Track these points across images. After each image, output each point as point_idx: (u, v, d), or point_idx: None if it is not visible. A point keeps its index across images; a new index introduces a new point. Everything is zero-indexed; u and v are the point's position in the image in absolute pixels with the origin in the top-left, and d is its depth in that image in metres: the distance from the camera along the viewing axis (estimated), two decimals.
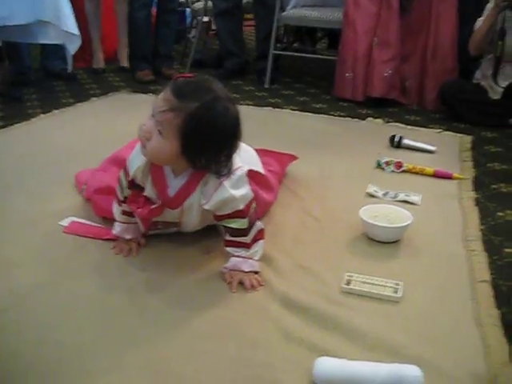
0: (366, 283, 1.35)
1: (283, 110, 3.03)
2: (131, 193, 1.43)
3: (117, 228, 1.51)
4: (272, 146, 1.97)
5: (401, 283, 1.35)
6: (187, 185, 1.37)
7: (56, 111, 2.87)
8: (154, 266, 1.43)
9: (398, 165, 2.11)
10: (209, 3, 4.05)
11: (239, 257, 1.38)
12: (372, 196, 1.88)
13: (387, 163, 2.12)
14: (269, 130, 2.57)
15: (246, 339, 1.17)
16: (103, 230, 1.58)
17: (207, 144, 1.26)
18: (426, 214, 1.75)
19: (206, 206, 1.36)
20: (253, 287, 1.34)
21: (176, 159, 1.30)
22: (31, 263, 1.44)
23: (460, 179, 2.05)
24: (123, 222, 1.50)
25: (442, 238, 1.62)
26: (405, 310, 1.28)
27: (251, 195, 1.38)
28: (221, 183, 1.32)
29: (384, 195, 1.88)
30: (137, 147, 1.37)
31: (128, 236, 1.50)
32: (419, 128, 2.73)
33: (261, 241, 1.42)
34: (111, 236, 1.53)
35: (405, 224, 1.57)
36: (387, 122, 2.81)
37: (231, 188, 1.32)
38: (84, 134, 2.50)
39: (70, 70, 3.19)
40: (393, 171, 2.11)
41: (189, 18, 4.96)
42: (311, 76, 3.96)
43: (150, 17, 3.74)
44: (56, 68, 3.64)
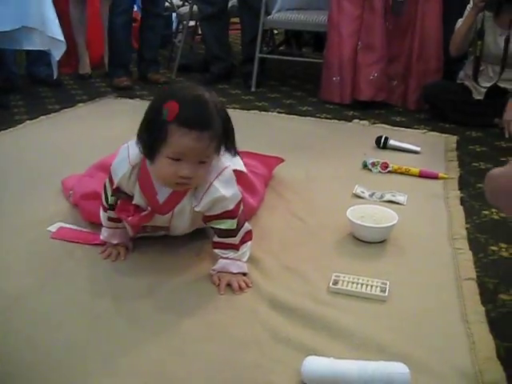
0: (354, 283, 1.36)
1: (270, 113, 3.04)
2: (120, 202, 1.43)
3: (104, 233, 1.51)
4: (259, 149, 1.98)
5: (387, 282, 1.36)
6: (176, 191, 1.37)
7: (43, 117, 2.86)
8: (142, 270, 1.43)
9: (384, 165, 2.13)
10: (194, 8, 4.05)
11: (227, 258, 1.39)
12: (358, 197, 1.90)
13: (373, 164, 2.14)
14: (255, 133, 2.57)
15: (235, 341, 1.17)
16: (91, 235, 1.58)
17: (231, 125, 1.30)
18: (412, 214, 1.77)
19: (197, 208, 1.37)
20: (241, 289, 1.34)
21: None
22: (18, 269, 1.43)
23: (445, 179, 2.07)
24: (110, 228, 1.50)
25: (428, 237, 1.64)
26: (392, 309, 1.29)
27: (240, 195, 1.40)
28: (211, 184, 1.33)
29: (370, 196, 1.89)
30: (121, 154, 1.37)
31: (115, 241, 1.51)
32: (405, 129, 2.75)
33: (249, 242, 1.43)
34: (99, 241, 1.53)
35: (391, 224, 1.58)
36: (373, 124, 2.83)
37: (221, 188, 1.34)
38: (71, 140, 2.50)
39: (56, 76, 3.17)
40: (379, 172, 2.12)
41: (175, 23, 4.97)
42: (297, 79, 3.98)
43: (130, 23, 3.69)
44: (41, 74, 3.63)
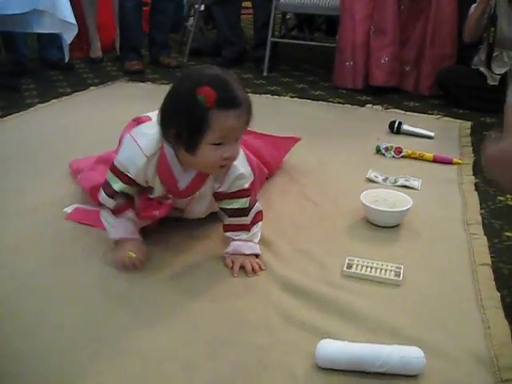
0: (368, 267, 1.35)
1: (282, 98, 3.02)
2: (140, 202, 1.40)
3: (113, 232, 1.39)
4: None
5: (402, 267, 1.35)
6: (198, 178, 1.35)
7: (54, 101, 2.85)
8: (154, 252, 1.42)
9: (398, 150, 2.11)
10: None
11: (239, 240, 1.39)
12: (372, 181, 1.88)
13: (387, 149, 2.12)
14: (267, 118, 2.52)
15: (248, 323, 1.17)
16: None
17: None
18: (426, 199, 1.75)
19: (222, 189, 1.37)
20: (254, 271, 1.34)
21: None
22: (31, 250, 1.43)
23: (459, 164, 2.04)
24: (117, 223, 1.38)
25: (442, 222, 1.62)
26: (406, 293, 1.28)
27: (252, 174, 1.40)
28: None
29: (384, 180, 1.88)
30: (128, 146, 1.30)
31: (128, 235, 1.37)
32: (418, 114, 2.72)
33: (260, 223, 1.43)
34: None
35: (405, 208, 1.57)
36: (386, 109, 2.80)
37: (240, 166, 1.35)
38: (82, 123, 2.49)
39: (67, 60, 3.16)
40: (393, 157, 2.10)
41: (186, 7, 4.92)
42: (309, 63, 3.95)
43: (141, 7, 3.65)
44: (53, 57, 3.62)
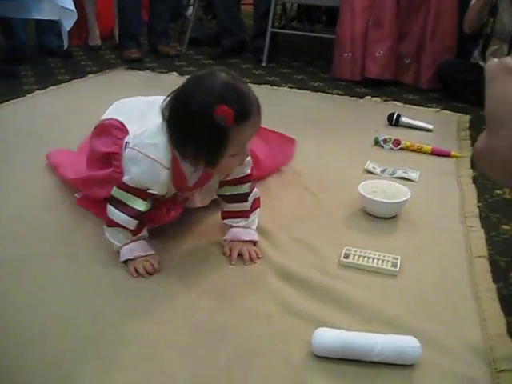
0: (365, 257, 1.35)
1: (281, 88, 3.02)
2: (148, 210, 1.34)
3: (125, 253, 1.31)
4: (269, 125, 1.95)
5: (399, 257, 1.36)
6: (206, 173, 1.35)
7: (52, 87, 2.84)
8: (152, 238, 1.40)
9: (396, 142, 2.11)
10: None
11: (238, 227, 1.39)
12: (370, 173, 1.88)
13: (385, 141, 2.12)
14: (266, 108, 2.49)
15: (245, 312, 1.17)
16: None
17: None
18: (424, 191, 1.75)
19: (228, 178, 1.38)
20: (251, 259, 1.34)
21: None
22: (29, 236, 1.44)
23: (458, 157, 2.05)
24: (133, 241, 1.32)
25: (440, 214, 1.62)
26: (403, 284, 1.28)
27: (250, 157, 1.39)
28: None
29: (382, 172, 1.88)
30: (139, 162, 1.25)
31: (145, 252, 1.32)
32: (417, 107, 2.72)
33: (257, 209, 1.44)
34: None
35: (403, 199, 1.57)
36: (385, 101, 2.80)
37: None
38: (80, 110, 2.48)
39: (66, 47, 3.15)
40: (391, 148, 2.10)
41: None
42: (309, 54, 3.94)
43: None
44: (52, 44, 3.60)
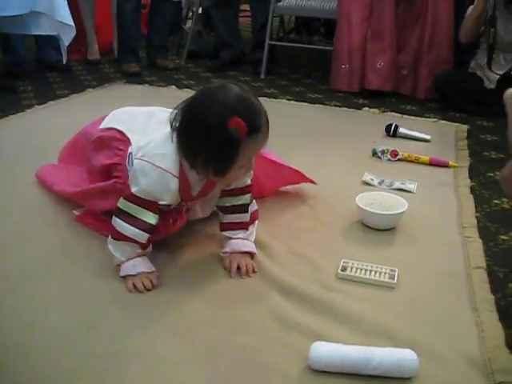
0: (362, 269, 1.35)
1: (279, 100, 3.02)
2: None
3: (128, 269, 1.30)
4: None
5: (396, 269, 1.35)
6: (209, 182, 1.35)
7: (51, 102, 2.85)
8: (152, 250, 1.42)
9: (394, 153, 2.11)
10: None
11: (238, 239, 1.39)
12: (368, 184, 1.88)
13: (383, 152, 2.12)
14: None
15: (243, 325, 1.17)
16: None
17: None
18: (422, 202, 1.75)
19: (230, 187, 1.38)
20: (247, 273, 1.33)
21: None
22: (28, 249, 1.44)
23: (455, 167, 2.05)
24: (138, 256, 1.32)
25: (438, 225, 1.62)
26: (400, 296, 1.28)
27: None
28: None
29: (380, 183, 1.88)
30: (147, 173, 1.24)
31: (147, 269, 1.31)
32: (415, 117, 2.73)
33: (256, 222, 1.45)
34: None
35: (400, 211, 1.57)
36: (383, 112, 2.81)
37: None
38: (79, 124, 2.45)
39: (65, 62, 3.16)
40: (389, 160, 2.11)
41: (184, 9, 4.93)
42: (307, 66, 3.95)
43: (139, 9, 3.64)
44: (51, 59, 3.61)
